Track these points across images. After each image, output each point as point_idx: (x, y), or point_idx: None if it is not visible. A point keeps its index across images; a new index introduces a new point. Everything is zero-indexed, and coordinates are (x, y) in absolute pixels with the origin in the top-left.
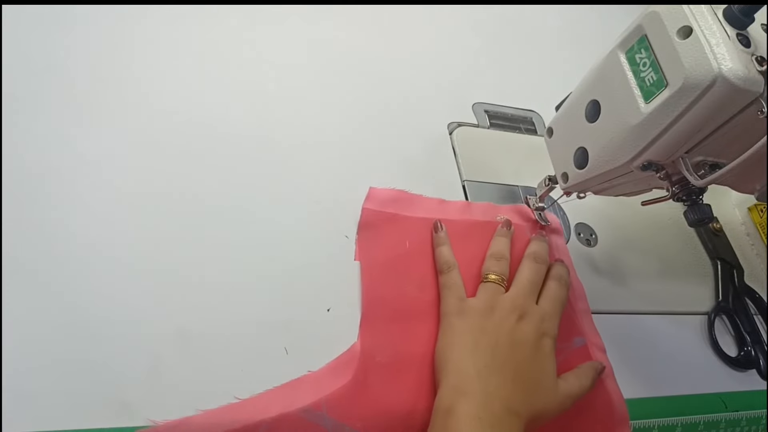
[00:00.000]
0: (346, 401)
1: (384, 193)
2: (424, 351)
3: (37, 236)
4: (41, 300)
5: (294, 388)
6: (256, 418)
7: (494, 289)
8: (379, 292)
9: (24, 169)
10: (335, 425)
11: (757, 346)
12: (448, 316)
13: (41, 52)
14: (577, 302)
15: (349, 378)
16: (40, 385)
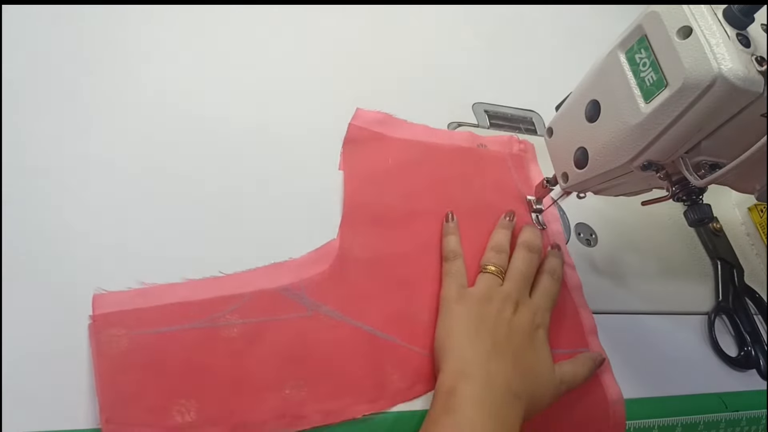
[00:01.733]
0: (324, 285)
1: (371, 115)
2: (402, 252)
3: (37, 236)
4: (41, 299)
5: (275, 269)
6: (236, 290)
7: (492, 280)
8: (361, 198)
9: (24, 169)
10: (313, 304)
11: (757, 346)
12: (448, 302)
13: (41, 52)
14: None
15: (327, 266)
16: (40, 385)
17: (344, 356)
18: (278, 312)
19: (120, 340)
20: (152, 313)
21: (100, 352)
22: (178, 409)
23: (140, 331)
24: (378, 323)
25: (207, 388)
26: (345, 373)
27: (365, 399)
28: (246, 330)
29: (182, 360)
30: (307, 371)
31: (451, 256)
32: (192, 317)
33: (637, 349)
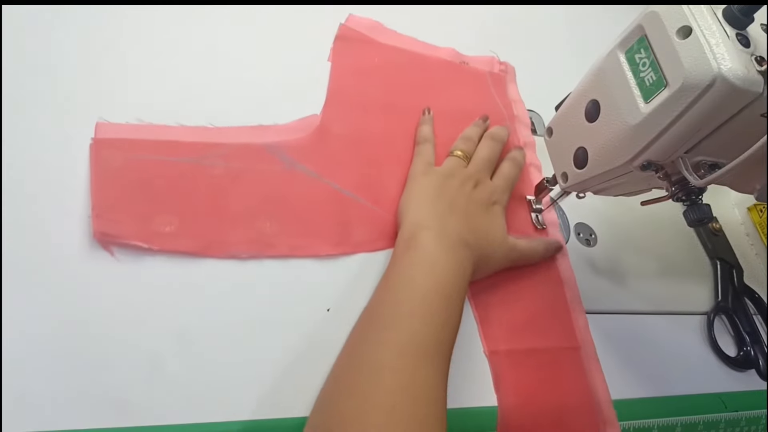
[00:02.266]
0: (303, 147)
1: (363, 21)
2: (379, 135)
3: (37, 236)
4: (41, 300)
5: (261, 130)
6: (223, 140)
7: (457, 162)
8: (345, 84)
9: (24, 169)
10: (291, 161)
11: (757, 346)
12: (414, 175)
13: (41, 52)
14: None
15: (308, 133)
16: (40, 385)
17: (314, 207)
18: (259, 163)
19: (115, 159)
20: (146, 144)
21: (97, 167)
22: (161, 220)
23: (134, 155)
24: (348, 185)
25: (188, 209)
26: (314, 219)
27: (330, 242)
28: (229, 172)
29: (169, 183)
30: (280, 212)
31: (422, 140)
32: (181, 153)
33: (637, 349)
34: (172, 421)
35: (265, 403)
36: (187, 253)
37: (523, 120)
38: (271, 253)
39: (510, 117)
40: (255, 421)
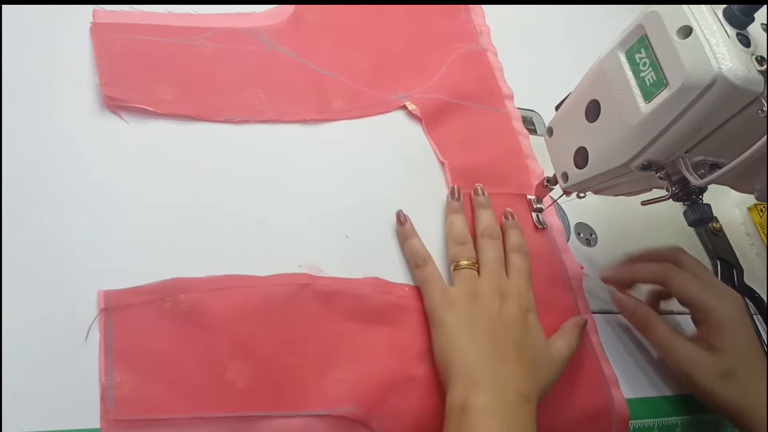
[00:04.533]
0: (280, 31)
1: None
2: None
3: (37, 235)
4: (41, 299)
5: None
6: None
7: (470, 275)
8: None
9: (24, 169)
10: (271, 44)
11: None
12: (437, 311)
13: (41, 52)
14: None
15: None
16: (40, 385)
17: (296, 82)
18: (242, 44)
19: (114, 40)
20: (140, 27)
21: (99, 47)
22: (161, 89)
23: (130, 37)
24: (324, 66)
25: (184, 81)
26: (297, 91)
27: (314, 110)
28: (216, 51)
29: (164, 60)
30: (267, 83)
31: (421, 262)
32: (173, 35)
33: (637, 349)
34: None
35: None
36: (186, 116)
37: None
38: (261, 118)
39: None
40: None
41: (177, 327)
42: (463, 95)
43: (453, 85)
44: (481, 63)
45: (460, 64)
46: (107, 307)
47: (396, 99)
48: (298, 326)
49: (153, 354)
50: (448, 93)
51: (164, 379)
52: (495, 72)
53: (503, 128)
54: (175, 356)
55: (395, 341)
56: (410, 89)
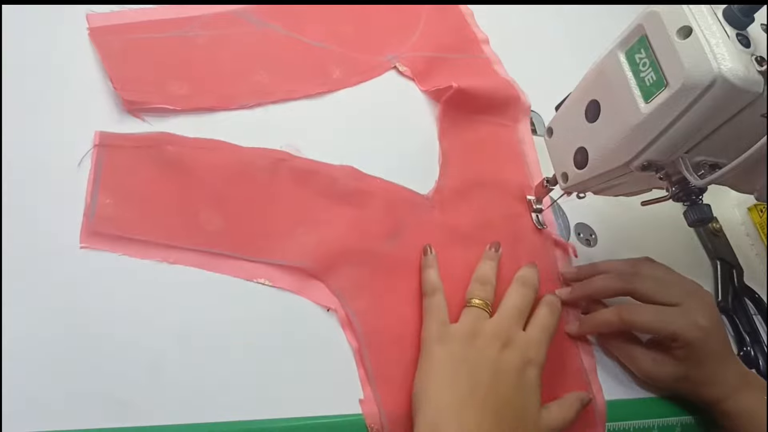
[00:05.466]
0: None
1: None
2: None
3: (37, 235)
4: (41, 300)
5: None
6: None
7: (478, 314)
8: None
9: (24, 169)
10: (260, 22)
11: (757, 346)
12: (429, 342)
13: (41, 52)
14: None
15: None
16: (40, 385)
17: (292, 57)
18: (233, 27)
19: (114, 42)
20: (135, 26)
21: (102, 51)
22: (174, 85)
23: (129, 36)
24: (315, 37)
25: (192, 73)
26: (296, 66)
27: (317, 83)
28: (212, 40)
29: (167, 55)
30: (267, 64)
31: (430, 290)
32: (167, 29)
33: None
34: (172, 421)
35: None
36: (204, 109)
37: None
38: (271, 99)
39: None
40: (255, 421)
41: (159, 171)
42: (444, 48)
43: (434, 39)
44: (453, 12)
45: (435, 17)
46: (101, 144)
47: (386, 61)
48: (270, 192)
49: (135, 188)
50: (432, 48)
51: (143, 209)
52: (467, 18)
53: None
54: (155, 194)
55: (360, 222)
56: (397, 49)
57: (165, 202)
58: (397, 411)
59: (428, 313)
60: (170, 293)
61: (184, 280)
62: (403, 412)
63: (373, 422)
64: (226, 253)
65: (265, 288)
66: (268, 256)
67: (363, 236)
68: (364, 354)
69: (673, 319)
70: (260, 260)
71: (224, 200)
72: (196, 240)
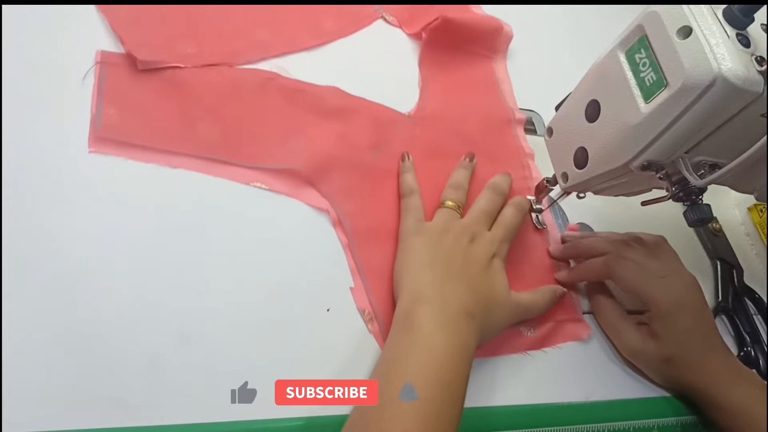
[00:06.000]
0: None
1: None
2: None
3: (37, 235)
4: (41, 300)
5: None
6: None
7: (450, 214)
8: None
9: (24, 169)
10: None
11: (757, 346)
12: (406, 235)
13: (41, 52)
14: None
15: None
16: (40, 385)
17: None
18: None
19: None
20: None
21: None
22: (182, 44)
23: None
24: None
25: (197, 33)
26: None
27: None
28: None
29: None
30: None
31: (407, 192)
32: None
33: None
34: (172, 421)
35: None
36: (214, 64)
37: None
38: (273, 54)
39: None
40: (255, 421)
41: (159, 86)
42: None
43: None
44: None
45: None
46: (102, 62)
47: (374, 11)
48: (263, 106)
49: (137, 101)
50: None
51: (145, 119)
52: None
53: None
54: (155, 106)
55: (346, 134)
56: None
57: (165, 114)
58: (384, 296)
59: (405, 212)
60: (171, 293)
61: (184, 281)
62: (389, 296)
63: (364, 306)
64: (224, 160)
65: (260, 191)
66: (263, 161)
67: (349, 147)
68: (353, 248)
69: (656, 284)
70: (255, 166)
71: (220, 114)
72: (196, 148)
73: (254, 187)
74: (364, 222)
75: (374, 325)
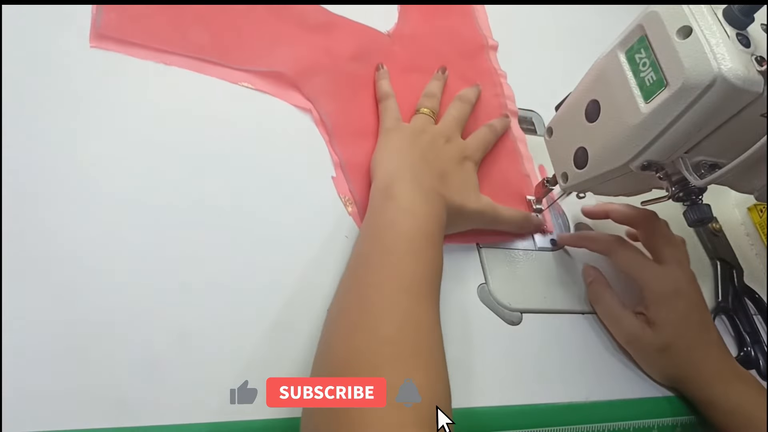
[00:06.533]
0: None
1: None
2: None
3: (37, 235)
4: (41, 300)
5: None
6: None
7: (425, 119)
8: None
9: (24, 169)
10: None
11: (757, 346)
12: (386, 131)
13: (41, 52)
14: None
15: None
16: (40, 385)
17: None
18: None
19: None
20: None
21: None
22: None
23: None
24: None
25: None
26: None
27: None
28: None
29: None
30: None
31: (384, 96)
32: None
33: None
34: (171, 421)
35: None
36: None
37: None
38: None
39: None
40: (255, 421)
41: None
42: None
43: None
44: None
45: None
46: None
47: None
48: (250, 18)
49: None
50: None
51: (142, 22)
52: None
53: None
54: (151, 13)
55: (329, 45)
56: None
57: (160, 19)
58: (361, 185)
59: (384, 112)
60: (171, 293)
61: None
62: (366, 184)
63: (344, 192)
64: (214, 60)
65: (247, 90)
66: (250, 64)
67: (331, 57)
68: (334, 144)
69: (653, 269)
70: (243, 68)
71: (211, 21)
72: (188, 48)
73: (241, 87)
74: (344, 120)
75: (353, 208)
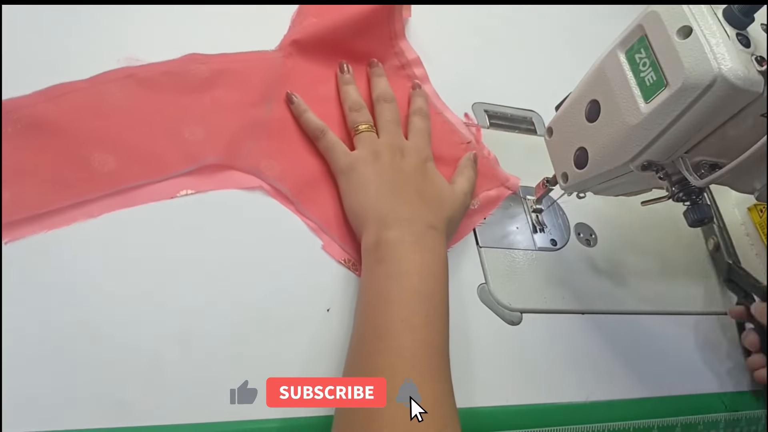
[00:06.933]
0: None
1: None
2: None
3: (36, 235)
4: (41, 300)
5: None
6: None
7: (369, 137)
8: None
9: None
10: None
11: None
12: (343, 173)
13: (41, 52)
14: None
15: None
16: (40, 385)
17: None
18: None
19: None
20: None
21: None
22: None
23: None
24: None
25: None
26: None
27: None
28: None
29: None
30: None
31: (319, 134)
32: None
33: (637, 349)
34: (172, 421)
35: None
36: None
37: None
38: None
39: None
40: (255, 421)
41: (28, 140)
42: None
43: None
44: None
45: None
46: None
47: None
48: (137, 111)
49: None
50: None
51: (37, 182)
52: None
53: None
54: (38, 162)
55: (231, 99)
56: None
57: (53, 166)
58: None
59: (329, 151)
60: (171, 293)
61: (184, 281)
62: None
63: (341, 256)
64: (137, 184)
65: (191, 197)
66: (174, 169)
67: (241, 112)
68: (301, 208)
69: None
70: (170, 176)
71: (101, 138)
72: (102, 184)
73: (182, 197)
74: (295, 175)
75: (358, 266)
